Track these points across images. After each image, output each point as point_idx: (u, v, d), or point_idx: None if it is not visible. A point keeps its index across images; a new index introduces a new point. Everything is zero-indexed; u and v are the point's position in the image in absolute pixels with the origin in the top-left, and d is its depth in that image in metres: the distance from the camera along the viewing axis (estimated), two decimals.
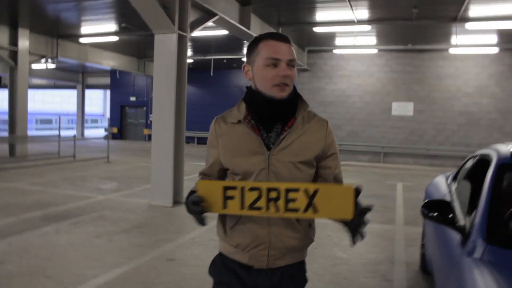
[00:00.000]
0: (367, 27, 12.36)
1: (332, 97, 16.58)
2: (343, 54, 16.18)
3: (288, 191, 1.40)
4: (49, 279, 3.99)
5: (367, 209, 1.41)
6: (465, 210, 2.76)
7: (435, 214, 2.56)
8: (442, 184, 4.14)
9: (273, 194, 1.41)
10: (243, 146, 1.61)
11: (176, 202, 7.47)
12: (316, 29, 12.52)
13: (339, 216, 1.39)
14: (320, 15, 11.81)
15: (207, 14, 8.95)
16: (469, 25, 11.66)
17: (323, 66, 16.57)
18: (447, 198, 3.39)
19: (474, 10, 10.94)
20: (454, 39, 13.88)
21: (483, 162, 3.18)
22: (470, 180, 3.26)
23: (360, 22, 12.07)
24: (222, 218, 1.70)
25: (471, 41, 14.14)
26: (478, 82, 15.51)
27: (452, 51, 14.85)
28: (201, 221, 1.51)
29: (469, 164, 3.70)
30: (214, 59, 19.07)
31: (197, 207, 1.47)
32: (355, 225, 1.43)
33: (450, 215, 2.51)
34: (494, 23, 11.57)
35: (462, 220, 2.59)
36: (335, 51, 15.96)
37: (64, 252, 4.80)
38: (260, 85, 1.58)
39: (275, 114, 1.59)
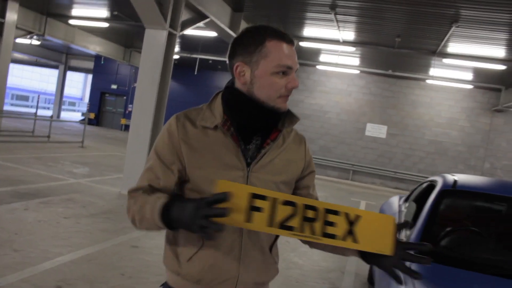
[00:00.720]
0: (352, 48, 12.83)
1: (309, 111, 16.98)
2: (326, 71, 16.63)
3: (327, 212, 1.20)
4: (16, 252, 4.15)
5: (419, 246, 1.22)
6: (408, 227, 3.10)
7: None
8: (395, 204, 4.51)
9: (310, 214, 1.19)
10: (218, 158, 1.32)
11: None
12: (303, 44, 12.89)
13: (378, 250, 1.21)
14: (308, 30, 12.20)
15: (199, 16, 9.22)
16: (446, 60, 12.26)
17: (305, 80, 16.98)
18: (396, 216, 3.73)
19: (452, 47, 11.54)
20: (432, 71, 14.52)
21: (431, 187, 3.54)
22: (417, 202, 3.61)
23: (345, 42, 12.53)
24: (173, 244, 1.39)
25: (448, 75, 14.78)
26: (450, 114, 16.18)
27: (429, 81, 15.48)
28: (213, 231, 1.10)
29: (421, 188, 4.07)
30: (200, 58, 19.26)
31: (218, 210, 1.10)
32: (394, 263, 1.21)
33: None
34: (469, 62, 12.19)
35: (403, 235, 2.92)
36: (318, 67, 16.40)
37: (32, 229, 4.95)
38: (261, 93, 1.32)
39: (261, 124, 1.37)
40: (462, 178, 3.61)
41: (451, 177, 3.48)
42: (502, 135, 16.02)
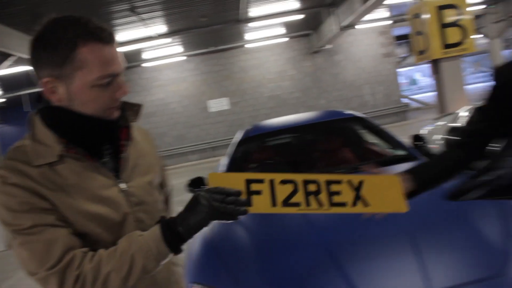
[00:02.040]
0: (168, 39, 13.46)
1: (152, 108, 17.44)
2: (155, 66, 17.13)
3: (329, 183, 1.20)
4: None
5: None
6: None
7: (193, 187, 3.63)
8: (222, 163, 5.33)
9: (312, 187, 1.19)
10: (87, 188, 1.10)
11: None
12: (120, 49, 13.16)
13: (393, 209, 1.22)
14: (121, 36, 12.52)
15: (3, 56, 9.03)
16: (252, 24, 13.56)
17: (138, 81, 17.31)
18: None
19: (252, 12, 12.76)
20: (247, 36, 15.87)
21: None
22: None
23: (159, 36, 13.10)
24: None
25: (263, 35, 16.25)
26: (278, 68, 17.87)
27: (248, 45, 16.87)
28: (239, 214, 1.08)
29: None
30: (30, 93, 18.24)
31: (236, 198, 1.07)
32: None
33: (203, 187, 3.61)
34: (273, 20, 13.57)
35: None
36: (145, 64, 16.85)
37: None
38: (85, 109, 1.10)
39: (101, 136, 1.18)
40: (257, 125, 4.53)
41: (247, 129, 4.38)
42: (326, 71, 18.11)
